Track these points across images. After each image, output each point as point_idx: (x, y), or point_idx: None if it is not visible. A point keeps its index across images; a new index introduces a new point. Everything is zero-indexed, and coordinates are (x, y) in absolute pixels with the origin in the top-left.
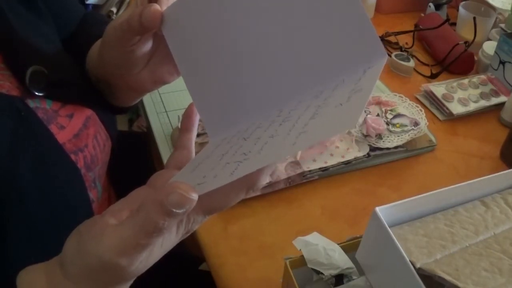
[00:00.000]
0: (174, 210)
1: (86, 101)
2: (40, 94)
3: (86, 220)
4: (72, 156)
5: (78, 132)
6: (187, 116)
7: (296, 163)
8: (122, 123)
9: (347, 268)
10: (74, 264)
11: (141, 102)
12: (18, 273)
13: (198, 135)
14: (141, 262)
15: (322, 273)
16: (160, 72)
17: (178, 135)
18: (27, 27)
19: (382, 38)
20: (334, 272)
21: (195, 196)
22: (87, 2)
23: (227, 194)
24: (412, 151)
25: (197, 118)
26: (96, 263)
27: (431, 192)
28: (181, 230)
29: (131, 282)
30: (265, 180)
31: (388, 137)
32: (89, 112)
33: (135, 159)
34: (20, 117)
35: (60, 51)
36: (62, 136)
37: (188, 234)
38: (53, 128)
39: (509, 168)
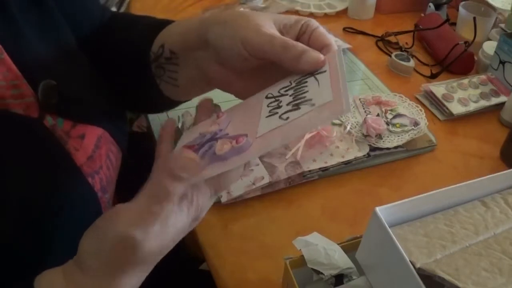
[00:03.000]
0: (182, 174)
1: (98, 119)
2: (52, 111)
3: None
4: (89, 180)
5: (91, 154)
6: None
7: (296, 163)
8: None
9: (347, 268)
10: (91, 254)
11: None
12: (36, 278)
13: None
14: (156, 236)
15: (322, 273)
16: (251, 89)
17: (157, 145)
18: (39, 35)
19: (382, 38)
20: (334, 272)
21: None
22: None
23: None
24: (412, 151)
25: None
26: (113, 241)
27: (431, 192)
28: (191, 211)
29: (146, 271)
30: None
31: (388, 137)
32: (99, 131)
33: (134, 159)
34: (37, 140)
35: (74, 61)
36: (78, 158)
37: (198, 222)
38: (70, 149)
39: (509, 168)
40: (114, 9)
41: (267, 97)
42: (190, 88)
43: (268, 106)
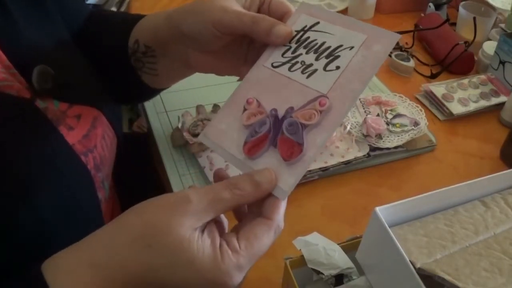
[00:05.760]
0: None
1: (94, 101)
2: (47, 95)
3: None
4: (82, 158)
5: (87, 133)
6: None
7: None
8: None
9: (347, 268)
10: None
11: None
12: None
13: (198, 134)
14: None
15: (322, 273)
16: (226, 63)
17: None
18: (33, 25)
19: None
20: (334, 272)
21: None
22: (87, 2)
23: None
24: (412, 151)
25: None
26: (209, 279)
27: (431, 192)
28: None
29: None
30: None
31: (388, 137)
32: (95, 112)
33: (135, 159)
34: (29, 119)
35: (67, 49)
36: (71, 137)
37: None
38: (62, 130)
39: (509, 168)
40: (114, 9)
41: (275, 66)
42: (171, 76)
43: (291, 71)
